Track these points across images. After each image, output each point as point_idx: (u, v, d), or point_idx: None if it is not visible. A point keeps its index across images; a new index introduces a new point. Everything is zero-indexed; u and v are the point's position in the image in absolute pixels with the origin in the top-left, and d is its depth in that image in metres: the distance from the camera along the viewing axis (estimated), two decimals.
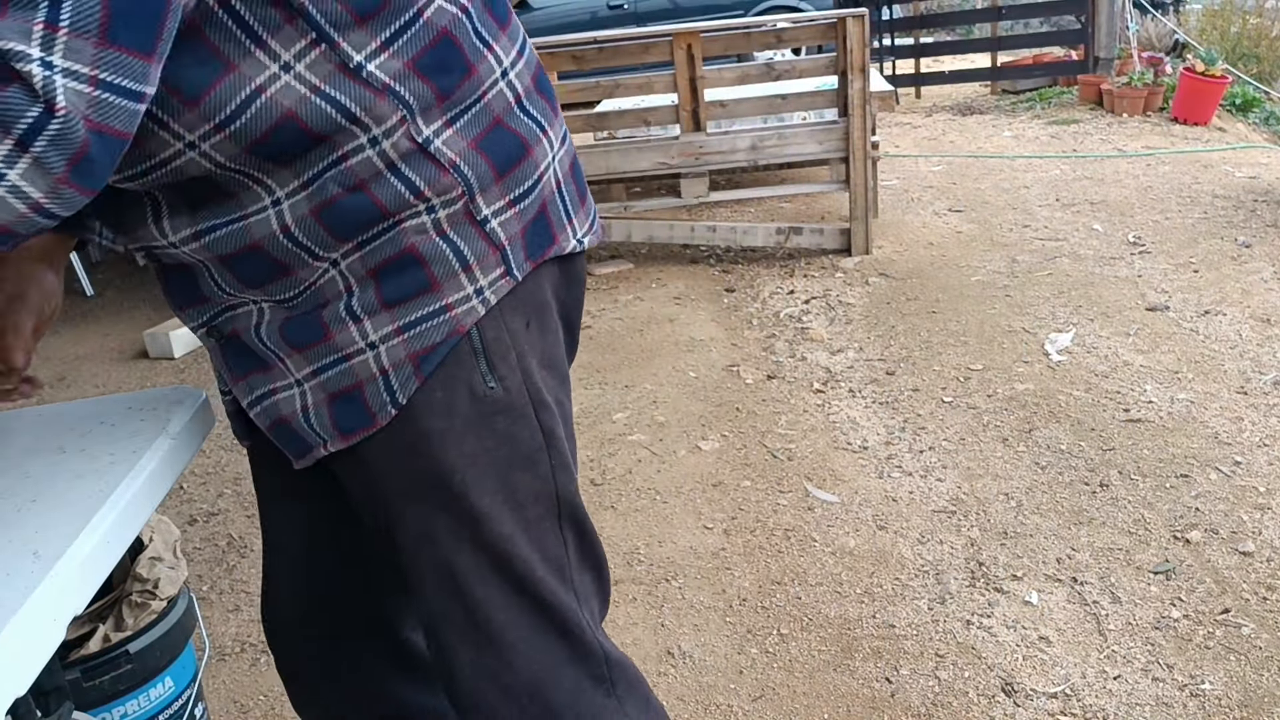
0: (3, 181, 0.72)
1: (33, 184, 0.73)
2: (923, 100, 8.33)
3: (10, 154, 0.71)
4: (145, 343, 3.95)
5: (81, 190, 0.76)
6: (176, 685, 1.57)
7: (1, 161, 0.71)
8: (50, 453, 1.01)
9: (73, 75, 0.71)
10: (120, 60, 0.73)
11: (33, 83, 0.70)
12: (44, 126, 0.71)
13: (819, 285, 3.96)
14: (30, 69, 0.70)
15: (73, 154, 0.73)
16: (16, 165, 0.72)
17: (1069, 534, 2.24)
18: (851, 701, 1.81)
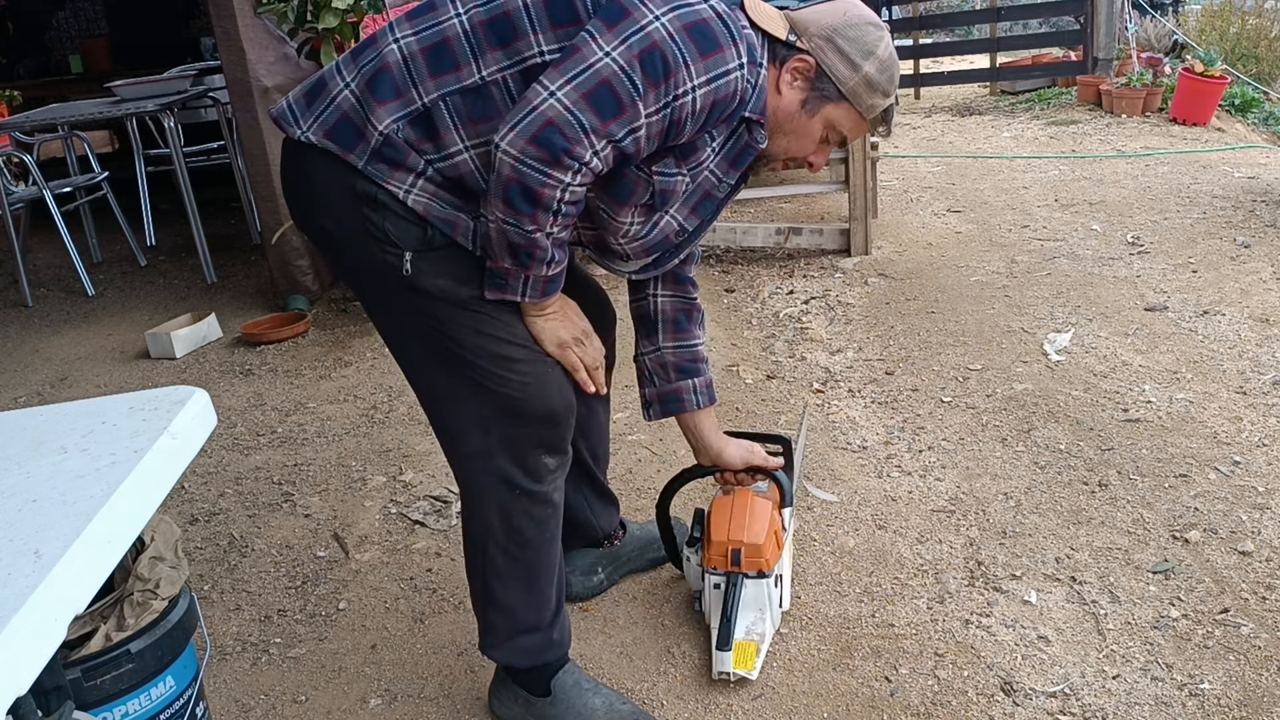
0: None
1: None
2: (922, 101, 8.34)
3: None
4: (146, 343, 3.96)
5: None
6: (178, 685, 1.57)
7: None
8: (51, 452, 1.01)
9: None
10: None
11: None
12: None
13: (818, 285, 3.96)
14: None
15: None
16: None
17: (1068, 533, 2.24)
18: (851, 700, 1.81)
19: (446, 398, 1.58)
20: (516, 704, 1.79)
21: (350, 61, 1.49)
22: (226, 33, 3.93)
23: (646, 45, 1.34)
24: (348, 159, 1.45)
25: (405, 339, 1.60)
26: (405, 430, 3.05)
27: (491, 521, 1.63)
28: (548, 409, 1.58)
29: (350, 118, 1.45)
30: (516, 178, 1.35)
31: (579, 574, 2.09)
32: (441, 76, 1.42)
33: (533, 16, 1.41)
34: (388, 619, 2.18)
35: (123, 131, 6.78)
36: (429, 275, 1.49)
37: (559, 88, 1.32)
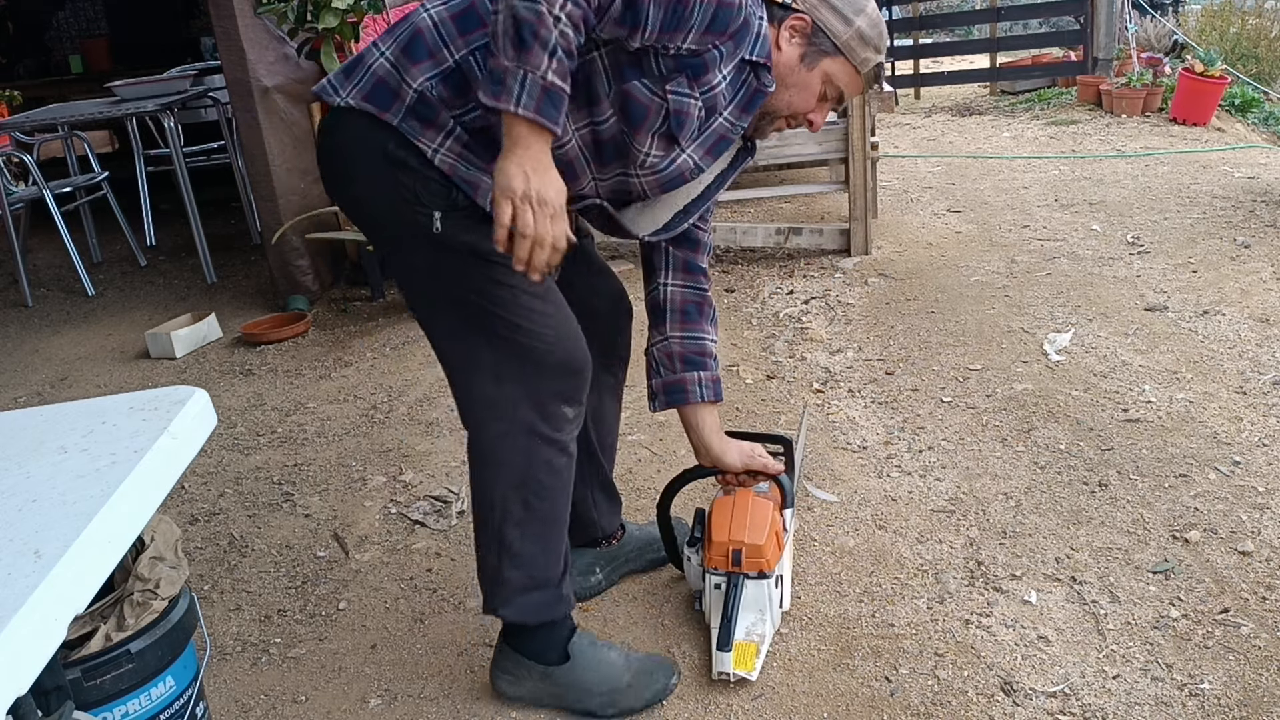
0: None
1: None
2: (922, 101, 8.34)
3: None
4: (146, 343, 3.96)
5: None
6: (178, 685, 1.57)
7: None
8: (51, 452, 1.02)
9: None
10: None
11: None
12: None
13: (818, 285, 3.96)
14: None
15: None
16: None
17: (1068, 533, 2.24)
18: (851, 701, 1.81)
19: (469, 352, 1.64)
20: (530, 679, 1.80)
21: (386, 36, 1.59)
22: (226, 33, 3.93)
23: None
24: (383, 117, 1.54)
25: (433, 299, 1.66)
26: (405, 430, 3.05)
27: (511, 470, 1.67)
28: (568, 357, 1.65)
29: (386, 81, 1.55)
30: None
31: (577, 574, 2.07)
32: (470, 34, 1.52)
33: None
34: (388, 619, 2.18)
35: (123, 131, 6.78)
36: (457, 232, 1.56)
37: None
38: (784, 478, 1.99)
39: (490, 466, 1.68)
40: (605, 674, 1.79)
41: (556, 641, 1.80)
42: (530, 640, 1.79)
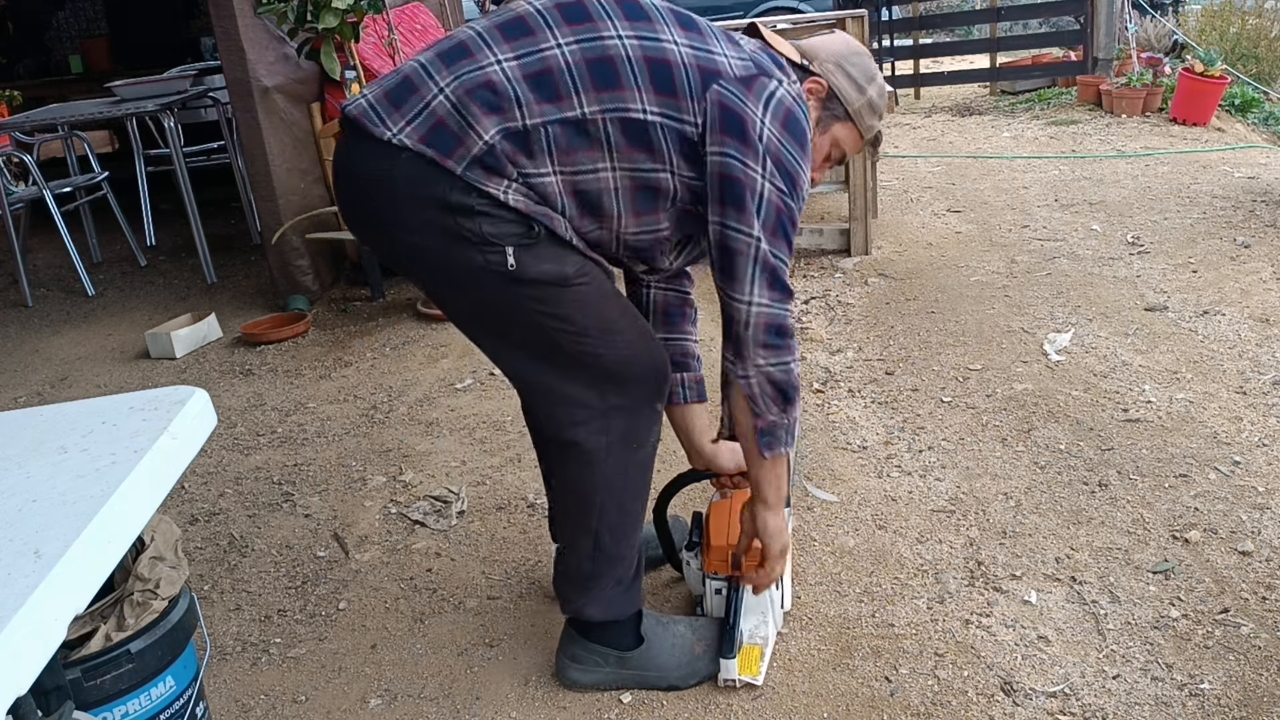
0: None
1: None
2: (922, 101, 8.34)
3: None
4: (146, 343, 3.96)
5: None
6: (178, 685, 1.57)
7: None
8: (52, 453, 1.02)
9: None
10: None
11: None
12: None
13: (818, 285, 3.96)
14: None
15: None
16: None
17: (1068, 533, 2.24)
18: (851, 700, 1.81)
19: (557, 374, 1.64)
20: (606, 665, 1.84)
21: (441, 66, 1.51)
22: (226, 33, 3.93)
23: (775, 158, 1.53)
24: (445, 164, 1.47)
25: (511, 333, 1.64)
26: (405, 430, 3.05)
27: (610, 479, 1.69)
28: (656, 363, 1.70)
29: (446, 124, 1.47)
30: (770, 320, 1.57)
31: None
32: (544, 105, 1.48)
33: (635, 73, 1.50)
34: (388, 619, 2.18)
35: (123, 131, 6.78)
36: (533, 264, 1.53)
37: (758, 230, 1.53)
38: None
39: (591, 476, 1.70)
40: (679, 648, 1.86)
41: (631, 628, 1.84)
42: (605, 630, 1.83)
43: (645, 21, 1.54)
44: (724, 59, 1.55)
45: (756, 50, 1.63)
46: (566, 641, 1.88)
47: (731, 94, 1.52)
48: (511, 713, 1.86)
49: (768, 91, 1.54)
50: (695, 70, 1.52)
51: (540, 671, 1.95)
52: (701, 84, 1.52)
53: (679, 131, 1.52)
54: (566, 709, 1.85)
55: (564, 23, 1.52)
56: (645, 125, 1.51)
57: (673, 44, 1.53)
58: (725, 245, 1.56)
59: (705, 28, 1.60)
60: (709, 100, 1.52)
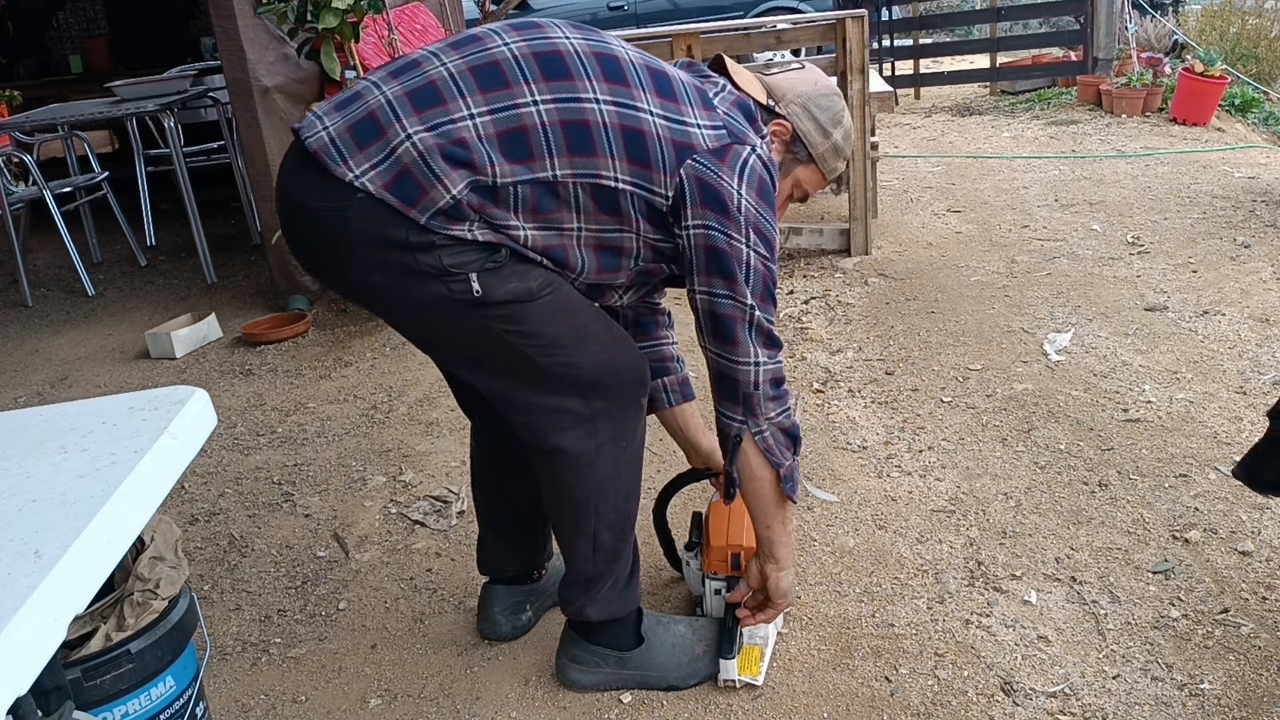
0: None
1: None
2: (922, 101, 8.34)
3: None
4: (146, 343, 3.96)
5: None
6: (178, 685, 1.57)
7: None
8: (52, 453, 1.01)
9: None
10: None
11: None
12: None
13: (818, 285, 3.96)
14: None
15: None
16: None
17: (1068, 533, 2.24)
18: (851, 701, 1.81)
19: (537, 391, 1.63)
20: (606, 665, 1.85)
21: (410, 108, 1.46)
22: (226, 33, 3.93)
23: (755, 227, 1.56)
24: (408, 213, 1.45)
25: (483, 357, 1.63)
26: (405, 430, 3.05)
27: (602, 481, 1.70)
28: (634, 362, 1.70)
29: (412, 173, 1.44)
30: (773, 375, 1.63)
31: (507, 613, 2.04)
32: (515, 165, 1.46)
33: (610, 141, 1.50)
34: (388, 619, 2.18)
35: (123, 131, 6.78)
36: (499, 286, 1.52)
37: (750, 299, 1.58)
38: None
39: (583, 480, 1.70)
40: (680, 648, 1.86)
41: (630, 629, 1.85)
42: (605, 630, 1.84)
43: (622, 85, 1.52)
44: (697, 130, 1.55)
45: (728, 108, 1.61)
46: (566, 642, 1.88)
47: (707, 168, 1.53)
48: (511, 713, 1.86)
49: (741, 160, 1.55)
50: (669, 145, 1.52)
51: (540, 671, 1.95)
52: (676, 159, 1.53)
53: (648, 201, 1.54)
54: (566, 709, 1.85)
55: (542, 78, 1.49)
56: (615, 193, 1.52)
57: (649, 114, 1.52)
58: (716, 314, 1.59)
59: (678, 90, 1.57)
60: (684, 175, 1.53)
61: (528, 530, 2.03)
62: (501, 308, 1.53)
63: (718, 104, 1.61)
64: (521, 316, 1.55)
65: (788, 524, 1.76)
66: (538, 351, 1.59)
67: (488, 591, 2.05)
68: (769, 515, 1.73)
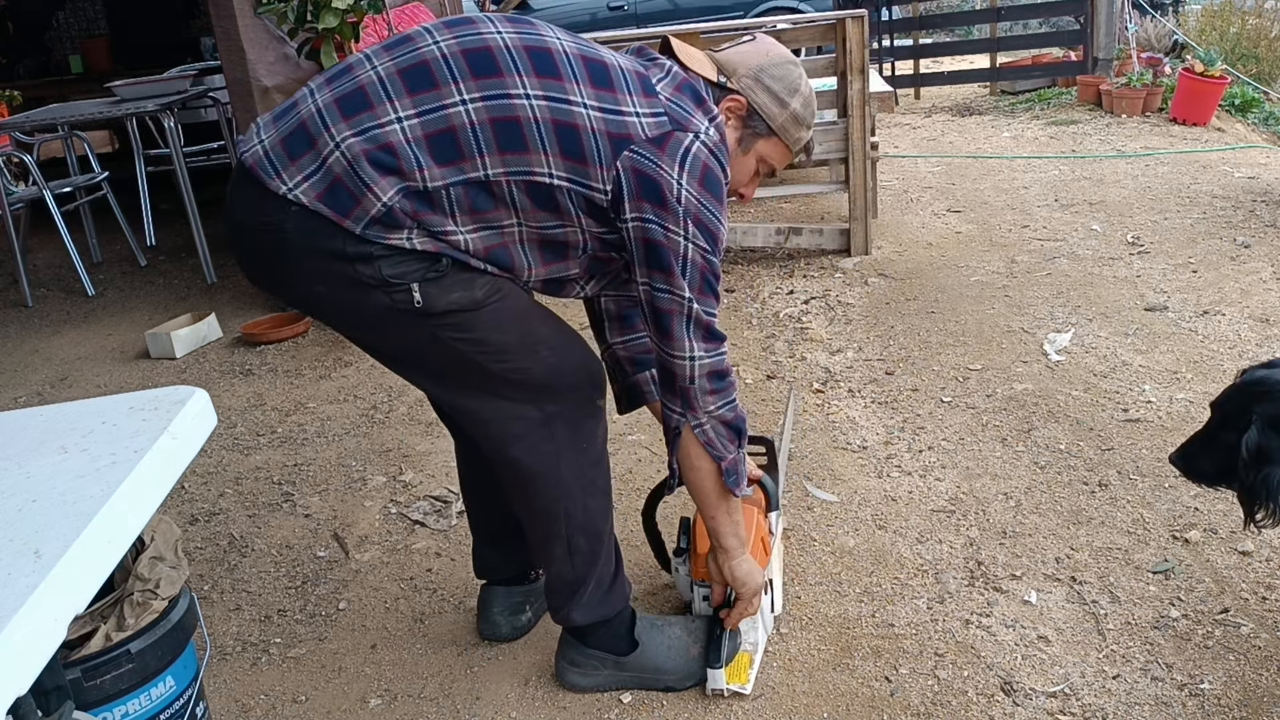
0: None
1: None
2: (922, 101, 8.33)
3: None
4: (146, 343, 3.96)
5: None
6: (178, 685, 1.57)
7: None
8: (52, 453, 1.01)
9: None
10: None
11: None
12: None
13: (818, 285, 3.96)
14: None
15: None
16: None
17: (1068, 533, 2.24)
18: (851, 700, 1.81)
19: (489, 398, 1.62)
20: (604, 669, 1.85)
21: (338, 115, 1.46)
22: (226, 33, 3.93)
23: (695, 218, 1.52)
24: (343, 224, 1.44)
25: (432, 366, 1.63)
26: (405, 430, 3.05)
27: (567, 484, 1.69)
28: (585, 360, 1.69)
29: (343, 182, 1.44)
30: (712, 368, 1.60)
31: (507, 614, 2.04)
32: (446, 166, 1.45)
33: (542, 137, 1.47)
34: (388, 619, 2.18)
35: (123, 131, 6.78)
36: (441, 295, 1.51)
37: (688, 292, 1.54)
38: (767, 480, 1.99)
39: (543, 492, 1.70)
40: (675, 649, 1.85)
41: (623, 631, 1.85)
42: (598, 634, 1.83)
43: (554, 79, 1.49)
44: (634, 120, 1.51)
45: (672, 93, 1.57)
46: (564, 646, 1.88)
47: (645, 159, 1.49)
48: (511, 713, 1.86)
49: (683, 148, 1.51)
50: (604, 137, 1.49)
51: (540, 671, 1.95)
52: (612, 151, 1.49)
53: (586, 196, 1.51)
54: (566, 709, 1.85)
55: (470, 75, 1.47)
56: (552, 189, 1.50)
57: (581, 108, 1.49)
58: (656, 307, 1.57)
59: (616, 78, 1.53)
60: (620, 168, 1.49)
61: (519, 535, 2.01)
62: (446, 317, 1.53)
63: (660, 89, 1.57)
64: (469, 324, 1.54)
65: (733, 513, 1.74)
66: (488, 359, 1.58)
67: (486, 593, 2.05)
68: (711, 506, 1.72)
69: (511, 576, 2.05)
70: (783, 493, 2.12)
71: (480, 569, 2.06)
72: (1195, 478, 1.80)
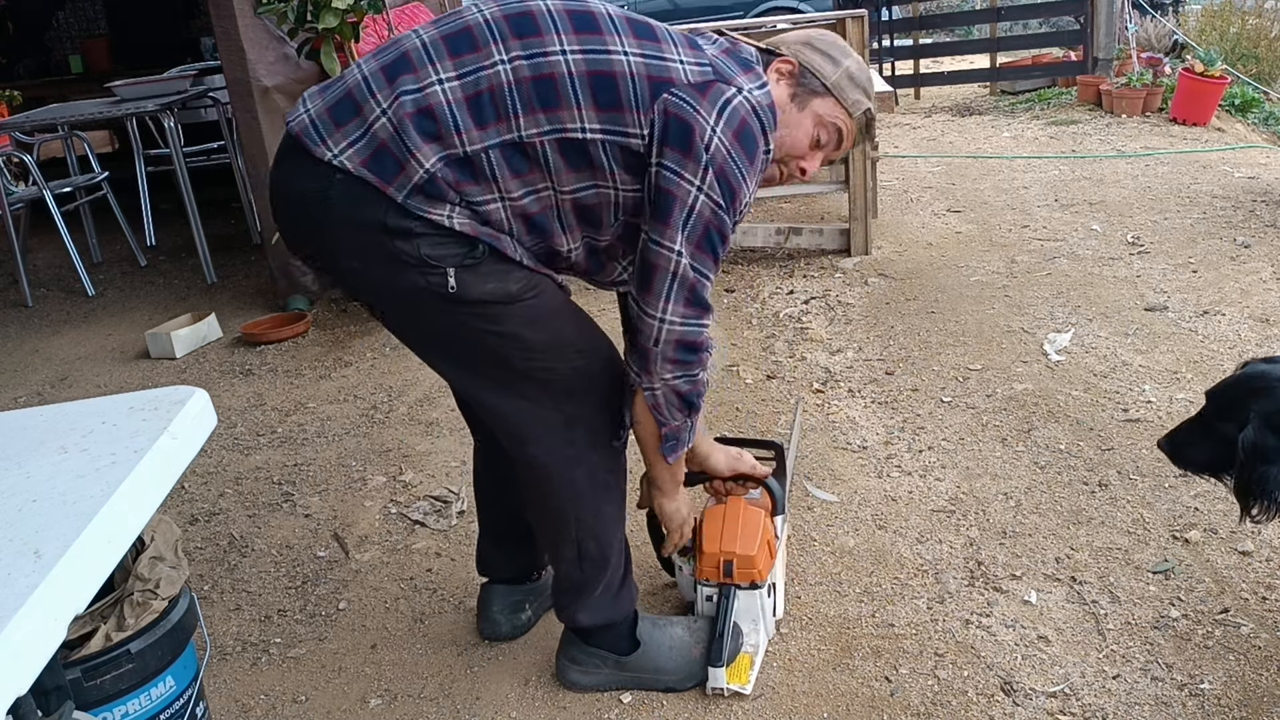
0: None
1: None
2: (922, 101, 8.33)
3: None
4: (146, 343, 3.96)
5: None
6: (178, 685, 1.57)
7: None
8: (52, 453, 1.01)
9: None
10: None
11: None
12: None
13: (818, 285, 3.96)
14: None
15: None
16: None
17: (1068, 533, 2.24)
18: (851, 701, 1.81)
19: (513, 395, 1.62)
20: (605, 668, 1.85)
21: (384, 81, 1.47)
22: (226, 33, 3.93)
23: (719, 169, 1.47)
24: (386, 190, 1.44)
25: (460, 355, 1.62)
26: (405, 430, 3.05)
27: (580, 488, 1.69)
28: (612, 365, 1.68)
29: (389, 148, 1.44)
30: (681, 337, 1.54)
31: (507, 613, 2.04)
32: (484, 128, 1.45)
33: (576, 90, 1.46)
34: (388, 619, 2.18)
35: (123, 131, 6.78)
36: (476, 284, 1.51)
37: (681, 245, 1.48)
38: (774, 483, 1.98)
39: (557, 493, 1.70)
40: (677, 649, 1.85)
41: (626, 631, 1.85)
42: (601, 635, 1.84)
43: (594, 33, 1.48)
44: (678, 65, 1.49)
45: (719, 53, 1.56)
46: (566, 644, 1.89)
47: (683, 101, 1.46)
48: (511, 713, 1.86)
49: (724, 98, 1.48)
50: (644, 80, 1.47)
51: (540, 671, 1.95)
52: (650, 93, 1.46)
53: (622, 145, 1.48)
54: (566, 709, 1.85)
55: (511, 35, 1.47)
56: (584, 144, 1.47)
57: (621, 54, 1.47)
58: (644, 257, 1.52)
59: (662, 34, 1.53)
60: (658, 110, 1.46)
61: (527, 537, 2.02)
62: (478, 306, 1.52)
63: (706, 48, 1.55)
64: (501, 317, 1.54)
65: (671, 466, 1.75)
66: (515, 355, 1.57)
67: (486, 591, 2.05)
68: (651, 455, 1.73)
69: (513, 576, 2.05)
70: (793, 491, 2.12)
71: (483, 566, 2.06)
72: (1182, 464, 1.80)
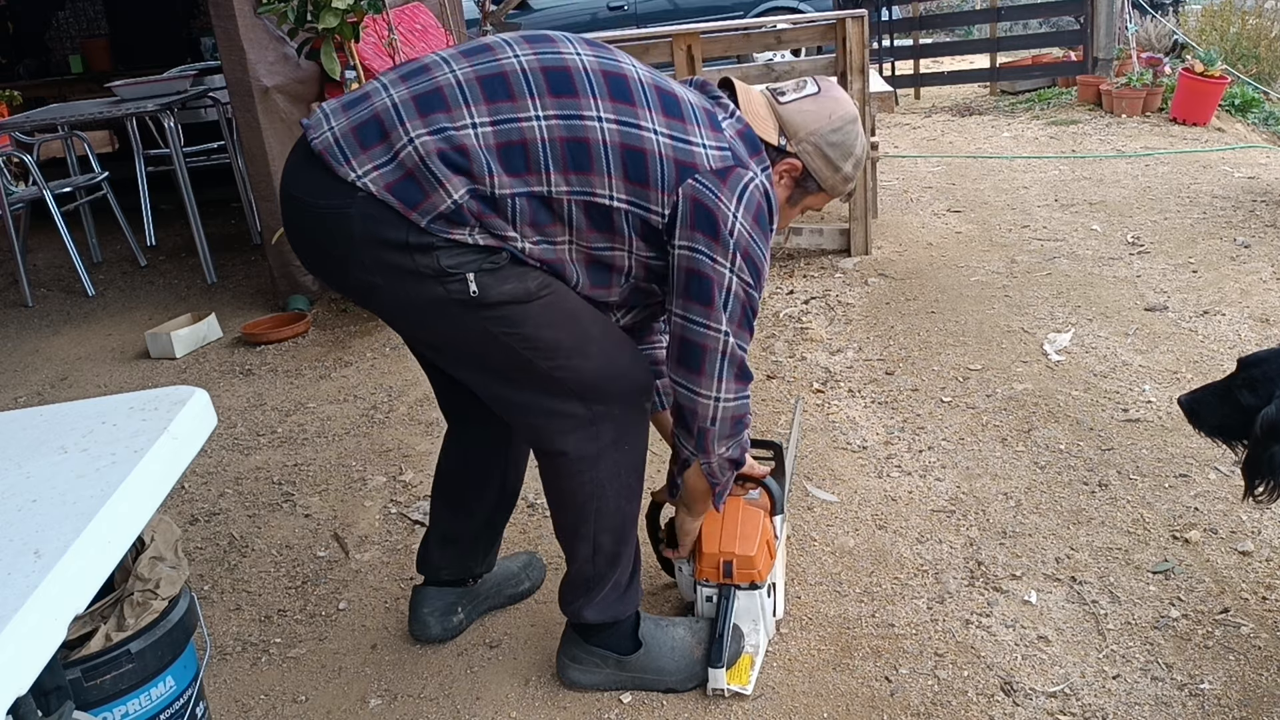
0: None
1: None
2: (922, 101, 8.33)
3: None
4: (147, 343, 3.96)
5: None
6: (178, 684, 1.57)
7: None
8: (52, 453, 1.01)
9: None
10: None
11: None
12: None
13: (818, 285, 3.96)
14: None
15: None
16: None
17: (1068, 533, 2.24)
18: (851, 700, 1.81)
19: (537, 395, 1.64)
20: (605, 667, 1.86)
21: (415, 112, 1.48)
22: (226, 33, 3.93)
23: (744, 252, 1.56)
24: (409, 216, 1.46)
25: (483, 360, 1.63)
26: (405, 430, 3.05)
27: (602, 484, 1.71)
28: (636, 366, 1.70)
29: (415, 177, 1.46)
30: (734, 413, 1.65)
31: (438, 615, 2.04)
32: (514, 177, 1.47)
33: (609, 160, 1.50)
34: (388, 619, 2.18)
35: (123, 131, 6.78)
36: (495, 285, 1.52)
37: (726, 325, 1.58)
38: (772, 483, 1.99)
39: (584, 484, 1.71)
40: (678, 650, 1.86)
41: (629, 631, 1.85)
42: (603, 633, 1.84)
43: (628, 104, 1.52)
44: (701, 150, 1.55)
45: (734, 135, 1.61)
46: (567, 642, 1.89)
47: (707, 189, 1.53)
48: (511, 713, 1.86)
49: (742, 183, 1.55)
50: (671, 163, 1.53)
51: (540, 671, 1.95)
52: (676, 177, 1.53)
53: (644, 219, 1.54)
54: (566, 709, 1.85)
55: (548, 93, 1.49)
56: (610, 210, 1.53)
57: (652, 133, 1.52)
58: (689, 339, 1.58)
59: (686, 110, 1.57)
60: (682, 194, 1.53)
61: (475, 545, 2.03)
62: (498, 309, 1.53)
63: (725, 128, 1.61)
64: (519, 319, 1.55)
65: (709, 500, 1.84)
66: (538, 356, 1.59)
67: (418, 593, 2.05)
68: (700, 506, 1.86)
69: (450, 580, 2.05)
70: (793, 491, 2.12)
71: (422, 565, 2.05)
72: (1196, 423, 1.82)
